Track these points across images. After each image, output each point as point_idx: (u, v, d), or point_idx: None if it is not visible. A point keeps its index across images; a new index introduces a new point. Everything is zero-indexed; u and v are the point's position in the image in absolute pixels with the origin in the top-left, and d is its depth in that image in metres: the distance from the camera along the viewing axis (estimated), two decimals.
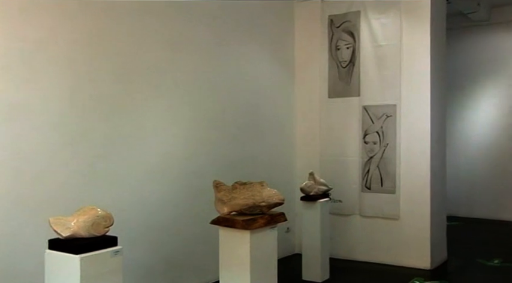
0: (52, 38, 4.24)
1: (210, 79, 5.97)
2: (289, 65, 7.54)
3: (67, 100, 4.35)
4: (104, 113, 4.68)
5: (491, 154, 10.54)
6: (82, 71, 4.48)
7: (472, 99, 10.85)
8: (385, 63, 6.79)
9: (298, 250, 6.91)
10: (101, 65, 4.66)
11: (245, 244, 3.92)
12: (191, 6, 5.68)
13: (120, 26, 4.87)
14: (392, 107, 6.75)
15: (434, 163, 6.62)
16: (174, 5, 5.46)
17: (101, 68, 4.66)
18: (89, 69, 4.54)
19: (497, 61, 10.55)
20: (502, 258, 7.10)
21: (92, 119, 4.56)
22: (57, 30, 4.28)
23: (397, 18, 6.72)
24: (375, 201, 6.85)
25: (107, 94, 4.71)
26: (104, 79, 4.68)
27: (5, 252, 3.83)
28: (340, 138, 7.16)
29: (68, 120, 4.34)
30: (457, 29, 10.31)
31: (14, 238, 3.89)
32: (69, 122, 4.36)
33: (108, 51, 4.73)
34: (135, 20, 5.03)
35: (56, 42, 4.27)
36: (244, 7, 6.51)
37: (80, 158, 4.43)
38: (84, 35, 4.50)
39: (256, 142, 6.73)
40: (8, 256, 3.84)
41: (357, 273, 6.49)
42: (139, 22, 5.08)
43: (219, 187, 4.19)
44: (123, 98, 4.87)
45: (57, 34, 4.27)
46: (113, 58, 4.78)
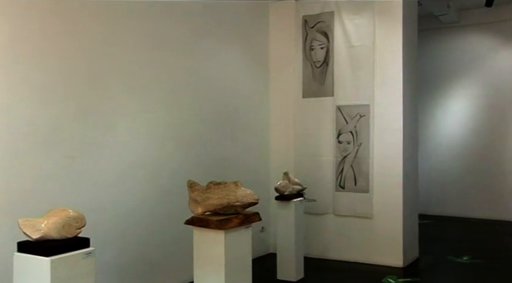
0: (23, 36, 4.14)
1: (184, 79, 5.93)
2: (264, 65, 7.55)
3: (38, 100, 4.25)
4: (76, 112, 4.59)
5: (462, 154, 10.77)
6: (54, 70, 4.39)
7: (443, 99, 11.06)
8: (359, 63, 6.86)
9: (273, 249, 6.92)
10: (74, 65, 4.57)
11: (219, 244, 3.91)
12: (166, 5, 5.62)
13: (93, 25, 4.79)
14: (365, 107, 6.82)
15: (406, 162, 6.71)
16: (149, 5, 5.40)
17: (73, 68, 4.57)
18: (61, 69, 4.45)
19: (467, 62, 10.79)
20: (471, 254, 7.25)
21: (64, 119, 4.48)
22: (28, 28, 4.18)
23: (370, 19, 6.79)
24: (349, 200, 6.92)
25: (80, 94, 4.63)
26: (76, 79, 4.59)
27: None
28: (314, 138, 7.20)
29: (39, 120, 4.25)
30: (429, 30, 10.49)
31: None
32: (41, 122, 4.27)
33: (81, 50, 4.65)
34: (108, 19, 4.96)
35: (27, 40, 4.17)
36: (218, 7, 6.49)
37: (51, 158, 4.34)
38: (56, 33, 4.41)
39: (231, 142, 6.72)
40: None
41: (331, 272, 6.54)
42: (113, 22, 5.01)
43: (193, 187, 4.16)
44: (96, 98, 4.79)
45: (28, 32, 4.18)
46: (86, 57, 4.70)
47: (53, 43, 4.39)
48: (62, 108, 4.46)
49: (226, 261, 3.90)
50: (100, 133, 4.83)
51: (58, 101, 4.42)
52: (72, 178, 4.52)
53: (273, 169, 7.39)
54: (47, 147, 4.31)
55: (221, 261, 3.90)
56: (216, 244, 3.93)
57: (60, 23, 4.46)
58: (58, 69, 4.43)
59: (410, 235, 6.91)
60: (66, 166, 4.46)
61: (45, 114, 4.31)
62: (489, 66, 10.59)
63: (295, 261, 6.00)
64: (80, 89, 4.63)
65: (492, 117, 10.52)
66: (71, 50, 4.55)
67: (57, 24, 4.44)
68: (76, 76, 4.60)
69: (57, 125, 4.41)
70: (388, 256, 6.65)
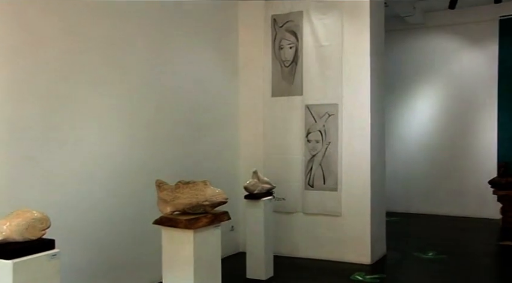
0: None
1: (153, 78, 5.87)
2: (233, 64, 7.53)
3: (2, 97, 4.13)
4: (39, 112, 4.48)
5: (427, 152, 11.02)
6: (16, 68, 4.28)
7: (409, 98, 11.28)
8: (327, 63, 6.92)
9: (243, 248, 6.92)
10: (37, 63, 4.46)
11: (188, 243, 3.89)
12: (134, 4, 5.55)
13: (62, 22, 4.69)
14: (334, 106, 6.89)
15: (374, 161, 6.81)
16: (117, 3, 5.32)
17: (37, 66, 4.46)
18: (24, 67, 4.34)
19: (432, 62, 11.03)
20: (436, 250, 7.42)
21: (28, 118, 4.37)
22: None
23: (339, 19, 6.86)
24: (318, 198, 6.97)
25: (43, 93, 4.52)
26: (39, 78, 4.48)
27: None
28: (284, 137, 7.23)
29: (2, 118, 4.13)
30: (395, 31, 10.68)
31: None
32: (4, 120, 4.15)
33: (45, 48, 4.54)
34: (77, 17, 4.86)
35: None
36: (187, 5, 6.44)
37: (15, 158, 4.23)
38: (19, 31, 4.30)
39: (200, 141, 6.68)
40: None
41: (301, 270, 6.58)
42: (82, 20, 4.91)
43: (161, 187, 4.13)
44: (61, 96, 4.69)
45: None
46: (50, 55, 4.59)
47: (15, 40, 4.27)
48: (25, 107, 4.35)
49: (195, 260, 3.89)
50: (64, 133, 4.72)
51: (20, 99, 4.31)
52: (36, 178, 4.41)
53: (242, 168, 7.39)
54: (9, 146, 4.20)
55: (190, 260, 3.88)
56: (185, 244, 3.90)
57: (24, 21, 4.35)
58: (20, 67, 4.32)
59: (377, 232, 7.02)
60: (29, 167, 4.36)
61: (7, 114, 4.19)
62: (453, 67, 10.85)
63: (265, 259, 6.01)
64: (43, 88, 4.52)
65: (455, 116, 10.79)
66: (34, 48, 4.45)
67: (21, 22, 4.32)
68: (39, 75, 4.49)
69: (20, 124, 4.30)
70: (356, 254, 6.73)
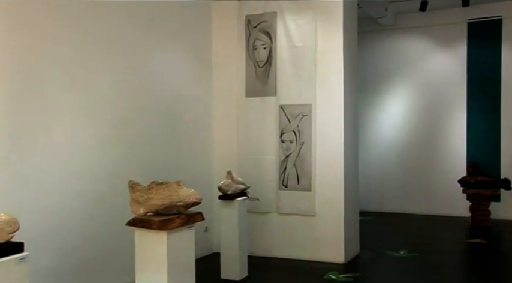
0: None
1: (125, 78, 5.80)
2: (207, 64, 7.50)
3: None
4: (10, 112, 4.38)
5: (399, 152, 11.19)
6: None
7: (382, 99, 11.44)
8: (301, 63, 6.95)
9: (217, 249, 6.90)
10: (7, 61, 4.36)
11: (162, 244, 3.85)
12: (106, 4, 5.48)
13: (30, 21, 4.59)
14: (308, 106, 6.93)
15: (347, 161, 6.87)
16: (89, 3, 5.24)
17: (8, 65, 4.36)
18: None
19: (404, 63, 11.21)
20: (408, 248, 7.54)
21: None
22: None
23: (312, 20, 6.90)
24: (292, 198, 7.00)
25: (15, 93, 4.42)
26: (10, 77, 4.38)
27: None
28: (258, 137, 7.24)
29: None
30: (368, 32, 10.81)
31: None
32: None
33: (17, 46, 4.44)
34: (47, 15, 4.77)
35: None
36: (160, 5, 6.39)
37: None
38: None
39: (173, 141, 6.63)
40: None
41: (275, 270, 6.59)
42: (52, 19, 4.82)
43: (134, 188, 4.08)
44: (31, 98, 4.59)
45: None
46: (22, 54, 4.49)
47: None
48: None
49: (169, 261, 3.86)
50: (36, 133, 4.63)
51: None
52: (4, 180, 4.31)
53: (216, 168, 7.36)
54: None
55: (163, 262, 3.85)
56: (159, 245, 3.87)
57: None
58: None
59: (351, 231, 7.08)
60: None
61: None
62: (424, 68, 11.05)
63: (239, 260, 6.00)
64: (15, 88, 4.43)
65: (427, 116, 10.99)
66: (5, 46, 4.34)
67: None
68: (10, 74, 4.39)
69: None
70: (330, 253, 6.78)
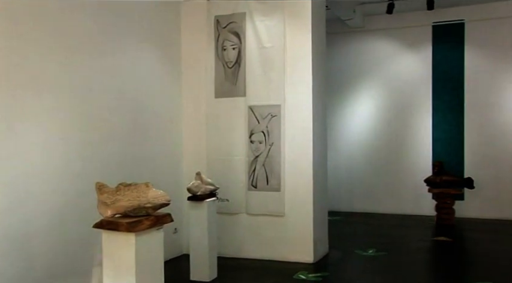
0: None
1: (93, 78, 5.71)
2: (176, 65, 7.45)
3: None
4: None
5: (367, 152, 11.35)
6: None
7: (350, 100, 11.57)
8: (270, 64, 6.98)
9: (186, 250, 6.85)
10: None
11: (130, 247, 3.79)
12: (74, 2, 5.39)
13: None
14: (277, 107, 6.95)
15: (316, 161, 6.93)
16: (57, 2, 5.14)
17: None
18: None
19: (372, 65, 11.38)
20: (376, 247, 7.65)
21: None
22: None
23: (281, 21, 6.93)
24: (261, 199, 7.01)
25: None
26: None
27: None
28: (227, 138, 7.23)
29: None
30: (336, 34, 10.94)
31: None
32: None
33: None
34: (15, 15, 4.65)
35: None
36: (128, 5, 6.31)
37: None
38: None
39: (142, 142, 6.56)
40: None
41: (245, 270, 6.59)
42: (20, 17, 4.71)
43: (101, 190, 4.01)
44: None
45: None
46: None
47: None
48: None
49: (137, 264, 3.80)
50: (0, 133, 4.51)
51: None
52: None
53: (186, 169, 7.33)
54: None
55: (132, 264, 3.79)
56: (127, 247, 3.81)
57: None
58: None
59: (320, 231, 7.14)
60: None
61: None
62: (391, 69, 11.24)
63: (209, 261, 5.98)
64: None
65: (394, 117, 11.18)
66: None
67: None
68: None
69: None
70: (300, 253, 6.82)
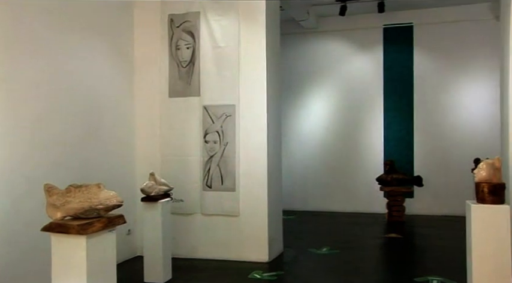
0: None
1: (42, 76, 5.53)
2: (128, 63, 7.32)
3: None
4: None
5: (322, 152, 11.53)
6: None
7: (305, 100, 11.72)
8: (224, 64, 6.97)
9: (140, 252, 6.75)
10: None
11: (81, 250, 3.70)
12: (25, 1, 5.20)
13: None
14: (231, 107, 6.95)
15: (271, 161, 6.98)
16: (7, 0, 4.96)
17: None
18: None
19: (326, 65, 11.57)
20: (330, 245, 7.78)
21: None
22: None
23: (235, 21, 6.94)
24: (216, 199, 7.00)
25: None
26: None
27: None
28: (181, 138, 7.17)
29: None
30: (290, 34, 11.05)
31: None
32: None
33: None
34: None
35: None
36: (80, 4, 6.15)
37: None
38: None
39: (94, 143, 6.41)
40: None
41: (199, 271, 6.56)
42: None
43: (51, 191, 3.89)
44: None
45: None
46: None
47: None
48: None
49: (89, 267, 3.71)
50: None
51: None
52: None
53: (139, 169, 7.21)
54: None
55: (83, 267, 3.70)
56: (77, 250, 3.71)
57: None
58: None
59: (275, 230, 7.20)
60: None
61: None
62: (344, 70, 11.46)
63: (163, 262, 5.91)
64: None
65: (347, 117, 11.41)
66: None
67: None
68: None
69: None
70: (255, 252, 6.85)
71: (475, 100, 10.60)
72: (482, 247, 4.79)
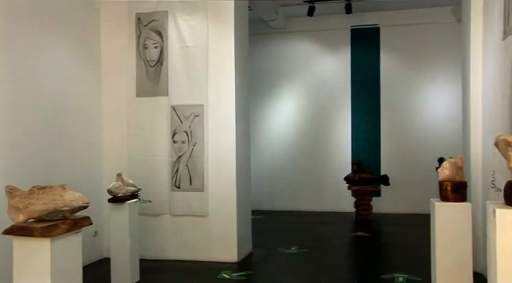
0: None
1: (6, 77, 5.39)
2: (95, 63, 7.20)
3: None
4: None
5: (290, 151, 11.60)
6: None
7: (273, 99, 11.77)
8: (193, 64, 6.94)
9: (107, 254, 6.65)
10: None
11: (44, 253, 3.62)
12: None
13: None
14: (200, 107, 6.92)
15: (239, 161, 6.98)
16: None
17: None
18: None
19: (294, 66, 11.65)
20: (298, 245, 7.84)
21: None
22: None
23: (204, 20, 6.91)
24: (184, 199, 6.95)
25: None
26: None
27: None
28: (149, 138, 7.10)
29: None
30: (259, 34, 11.08)
31: None
32: None
33: None
34: None
35: None
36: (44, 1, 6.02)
37: None
38: None
39: (59, 143, 6.28)
40: None
41: (168, 272, 6.51)
42: None
43: (12, 193, 3.80)
44: None
45: None
46: None
47: None
48: None
49: (53, 271, 3.64)
50: None
51: None
52: None
53: (106, 170, 7.10)
54: None
55: (46, 271, 3.62)
56: (41, 253, 3.63)
57: None
58: None
59: (244, 230, 7.20)
60: None
61: None
62: (313, 71, 11.56)
63: (130, 264, 5.84)
64: None
65: (316, 117, 11.51)
66: None
67: None
68: None
69: None
70: (224, 253, 6.85)
71: (439, 100, 10.86)
72: (445, 244, 4.93)
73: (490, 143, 4.37)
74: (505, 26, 5.03)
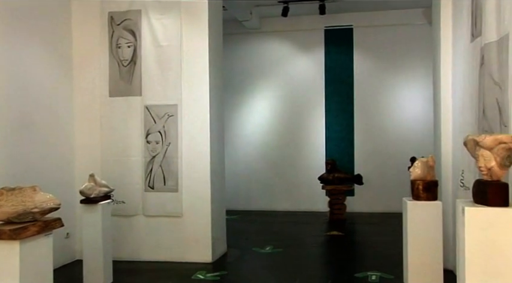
0: None
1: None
2: (66, 63, 7.08)
3: None
4: None
5: (264, 151, 11.63)
6: None
7: (248, 99, 11.79)
8: (167, 63, 6.89)
9: (80, 256, 6.55)
10: None
11: (13, 256, 3.55)
12: None
13: None
14: (173, 107, 6.89)
15: (214, 161, 6.97)
16: None
17: None
18: None
19: (269, 66, 11.68)
20: (273, 244, 7.86)
21: None
22: None
23: (177, 20, 6.88)
24: (158, 200, 6.91)
25: None
26: None
27: None
28: (122, 138, 7.02)
29: None
30: (233, 34, 11.08)
31: None
32: None
33: None
34: None
35: None
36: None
37: None
38: None
39: (29, 144, 6.16)
40: None
41: (142, 273, 6.45)
42: None
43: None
44: None
45: None
46: None
47: None
48: None
49: (22, 274, 3.56)
50: None
51: None
52: None
53: (78, 171, 7.00)
54: None
55: (15, 275, 3.54)
56: (10, 256, 3.56)
57: None
58: None
59: (218, 231, 7.19)
60: None
61: None
62: (287, 71, 11.61)
63: (103, 265, 5.76)
64: None
65: (290, 117, 11.57)
66: None
67: None
68: None
69: None
70: (198, 253, 6.82)
71: (411, 100, 11.03)
72: (417, 241, 5.03)
73: (460, 143, 4.46)
74: (472, 28, 5.14)
